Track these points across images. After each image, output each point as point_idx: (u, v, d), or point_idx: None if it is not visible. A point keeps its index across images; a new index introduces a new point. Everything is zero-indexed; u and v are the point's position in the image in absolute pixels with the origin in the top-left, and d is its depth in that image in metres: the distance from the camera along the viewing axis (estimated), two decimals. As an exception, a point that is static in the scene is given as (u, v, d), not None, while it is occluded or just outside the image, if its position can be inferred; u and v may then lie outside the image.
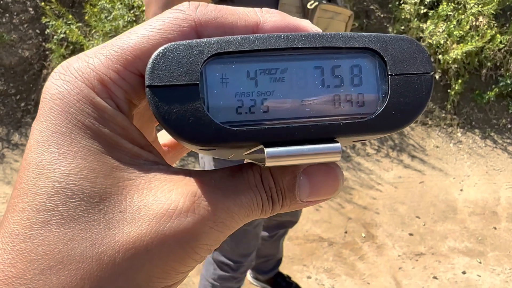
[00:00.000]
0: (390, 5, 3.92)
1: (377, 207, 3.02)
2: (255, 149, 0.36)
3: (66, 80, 0.33)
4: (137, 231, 0.32)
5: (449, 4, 3.66)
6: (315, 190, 0.36)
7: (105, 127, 0.34)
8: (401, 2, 3.80)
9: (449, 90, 3.71)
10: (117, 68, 0.34)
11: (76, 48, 3.46)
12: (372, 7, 3.98)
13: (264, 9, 0.37)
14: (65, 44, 3.46)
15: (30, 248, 0.31)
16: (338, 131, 0.35)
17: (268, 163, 0.34)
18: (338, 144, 0.34)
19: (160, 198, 0.33)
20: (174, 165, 0.49)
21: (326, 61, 0.36)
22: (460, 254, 2.77)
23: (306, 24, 0.37)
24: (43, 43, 3.55)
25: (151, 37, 0.34)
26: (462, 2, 3.73)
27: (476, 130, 3.69)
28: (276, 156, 0.33)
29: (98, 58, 0.34)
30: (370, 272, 2.61)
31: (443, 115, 3.71)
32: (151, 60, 0.33)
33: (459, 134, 3.65)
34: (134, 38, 0.34)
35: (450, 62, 3.59)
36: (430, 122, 3.68)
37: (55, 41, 3.39)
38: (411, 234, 2.86)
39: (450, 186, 3.24)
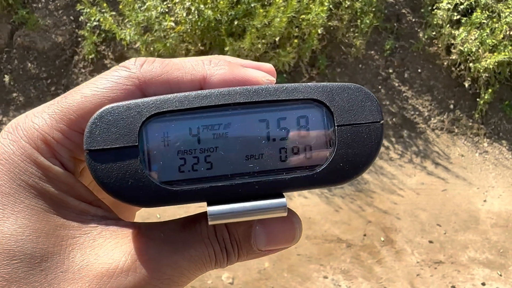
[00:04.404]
0: (422, 10, 3.87)
1: (397, 212, 3.00)
2: None
3: (12, 140, 0.34)
4: None
5: (484, 12, 3.60)
6: (272, 239, 0.36)
7: (49, 186, 0.34)
8: (434, 7, 3.75)
9: (478, 99, 3.65)
10: (61, 128, 0.34)
11: (108, 36, 3.51)
12: (403, 11, 3.94)
13: (212, 60, 0.36)
14: (98, 31, 3.52)
15: None
16: (283, 186, 0.34)
17: (212, 222, 0.33)
18: (283, 200, 0.33)
19: (102, 257, 0.33)
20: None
21: (271, 114, 0.35)
22: (480, 265, 2.73)
23: (256, 75, 0.36)
24: (76, 30, 3.62)
25: (94, 97, 0.34)
26: (497, 10, 3.66)
27: (503, 141, 3.63)
28: (218, 215, 0.32)
29: (43, 117, 0.34)
30: (387, 277, 2.60)
31: (470, 123, 3.65)
32: (88, 124, 0.33)
33: (485, 144, 3.59)
34: (77, 98, 0.34)
35: (481, 70, 3.53)
36: (456, 130, 3.63)
37: (88, 28, 3.45)
38: (431, 242, 2.83)
39: (474, 196, 3.19)
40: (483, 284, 2.61)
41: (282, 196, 0.34)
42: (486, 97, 3.57)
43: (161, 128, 0.34)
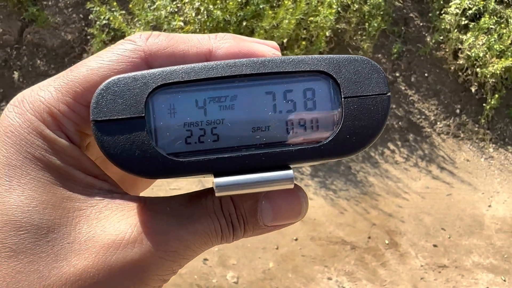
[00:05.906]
0: (430, 14, 3.88)
1: (402, 216, 3.01)
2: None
3: (19, 113, 0.34)
4: (84, 262, 0.32)
5: (492, 17, 3.60)
6: (279, 214, 0.36)
7: (55, 158, 0.34)
8: (442, 12, 3.76)
9: (484, 104, 3.65)
10: (67, 101, 0.34)
11: (117, 35, 3.54)
12: (411, 15, 3.95)
13: (219, 34, 0.37)
14: (107, 30, 3.54)
15: None
16: (290, 158, 0.34)
17: (218, 193, 0.33)
18: (291, 171, 0.33)
19: (108, 229, 0.33)
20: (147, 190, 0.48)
21: (278, 86, 0.35)
22: (484, 270, 2.73)
23: (262, 49, 0.36)
24: (86, 28, 3.64)
25: (99, 69, 0.34)
26: (505, 16, 3.67)
27: (509, 147, 3.63)
28: (225, 186, 0.33)
29: (49, 90, 0.35)
30: (391, 279, 2.60)
31: (476, 129, 3.66)
32: (95, 94, 0.33)
33: (491, 150, 3.59)
34: (83, 70, 0.35)
35: (488, 76, 3.53)
36: (462, 135, 3.63)
37: (97, 26, 3.47)
38: (435, 246, 2.84)
39: (478, 201, 3.20)
40: (487, 289, 2.62)
41: (289, 168, 0.34)
42: (492, 102, 3.57)
43: (167, 100, 0.34)
